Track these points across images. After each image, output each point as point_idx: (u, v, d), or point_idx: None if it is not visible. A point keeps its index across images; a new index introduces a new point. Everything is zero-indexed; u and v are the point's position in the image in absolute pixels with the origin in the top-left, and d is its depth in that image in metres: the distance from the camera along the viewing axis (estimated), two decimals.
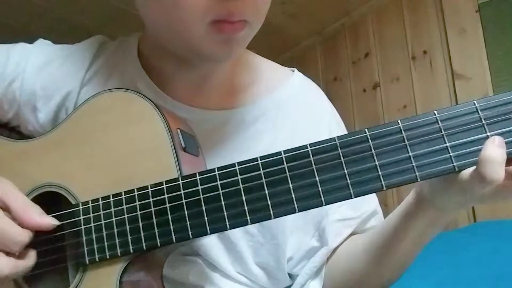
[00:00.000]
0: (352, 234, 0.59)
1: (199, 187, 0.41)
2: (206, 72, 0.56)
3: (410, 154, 0.37)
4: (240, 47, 0.50)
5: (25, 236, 0.41)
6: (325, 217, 0.58)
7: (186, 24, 0.44)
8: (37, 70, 0.57)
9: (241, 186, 0.40)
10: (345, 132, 0.63)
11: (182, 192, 0.42)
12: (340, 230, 0.58)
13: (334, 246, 0.57)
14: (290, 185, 0.39)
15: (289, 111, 0.60)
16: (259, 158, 0.40)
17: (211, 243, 0.56)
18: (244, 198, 0.40)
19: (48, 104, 0.57)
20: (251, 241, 0.57)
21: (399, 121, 0.38)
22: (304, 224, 0.58)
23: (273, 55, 2.27)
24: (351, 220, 0.58)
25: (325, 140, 0.39)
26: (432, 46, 1.74)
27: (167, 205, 0.42)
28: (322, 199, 0.38)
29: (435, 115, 0.37)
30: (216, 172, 0.41)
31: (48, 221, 0.43)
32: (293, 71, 0.65)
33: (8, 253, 0.40)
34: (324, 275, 0.58)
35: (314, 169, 0.39)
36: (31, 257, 0.43)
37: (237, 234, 0.56)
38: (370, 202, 0.61)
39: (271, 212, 0.39)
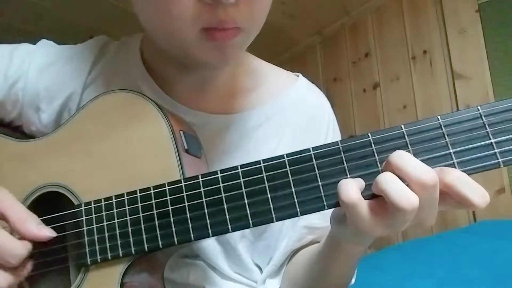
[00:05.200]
0: (314, 241, 0.60)
1: (202, 189, 0.41)
2: (207, 75, 0.56)
3: None
4: (235, 53, 0.48)
5: (22, 249, 0.40)
6: (297, 221, 0.58)
7: (179, 31, 0.43)
8: (40, 71, 0.57)
9: (243, 189, 0.40)
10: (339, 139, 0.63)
11: (184, 194, 0.41)
12: (302, 236, 0.58)
13: (292, 248, 0.58)
14: (293, 189, 0.39)
15: (292, 117, 0.60)
16: (261, 161, 0.40)
17: (209, 245, 0.56)
18: (246, 201, 0.40)
19: (51, 105, 0.57)
20: (247, 242, 0.58)
21: (402, 126, 0.38)
22: (292, 228, 0.59)
23: (272, 55, 2.29)
24: (317, 229, 0.58)
25: (328, 144, 0.39)
26: (432, 46, 1.74)
27: (169, 207, 0.42)
28: (325, 203, 0.38)
29: (438, 120, 0.37)
30: (219, 175, 0.41)
31: (45, 232, 0.42)
32: (298, 75, 0.65)
33: (4, 266, 0.40)
34: (284, 276, 0.59)
35: (317, 173, 0.39)
36: (27, 269, 0.43)
37: (235, 236, 0.56)
38: None
39: (273, 215, 0.39)
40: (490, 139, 0.36)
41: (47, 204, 0.48)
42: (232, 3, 0.40)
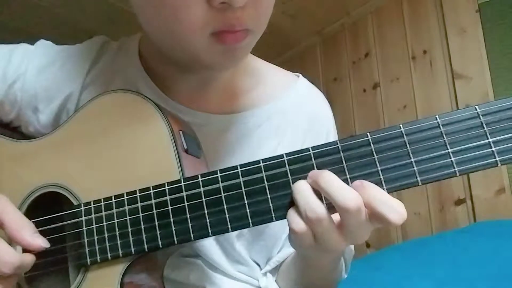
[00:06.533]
0: None
1: (201, 189, 0.41)
2: (207, 76, 0.56)
3: (412, 159, 0.37)
4: (244, 54, 0.49)
5: (16, 258, 0.40)
6: None
7: (187, 36, 0.43)
8: (38, 72, 0.57)
9: (243, 188, 0.40)
10: None
11: (184, 194, 0.41)
12: None
13: None
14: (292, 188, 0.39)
15: (293, 117, 0.60)
16: (261, 161, 0.40)
17: (209, 244, 0.56)
18: (246, 200, 0.40)
19: (50, 105, 0.57)
20: (245, 242, 0.58)
21: (401, 125, 0.38)
22: None
23: (273, 55, 2.29)
24: None
25: (327, 143, 0.39)
26: (432, 46, 1.74)
27: (169, 207, 0.42)
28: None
29: (436, 119, 0.37)
30: (218, 174, 0.41)
31: (39, 242, 0.41)
32: (298, 76, 0.65)
33: None
34: (280, 272, 0.60)
35: None
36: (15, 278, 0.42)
37: (232, 236, 0.56)
38: None
39: (273, 215, 0.39)
40: (487, 138, 0.36)
41: (47, 204, 0.48)
42: (241, 6, 0.40)
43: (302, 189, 0.38)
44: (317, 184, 0.37)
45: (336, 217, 0.38)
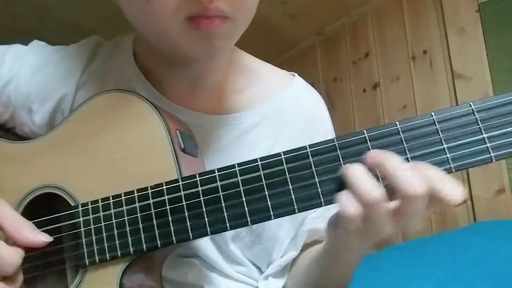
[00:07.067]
0: (317, 241, 0.60)
1: (199, 188, 0.41)
2: (199, 73, 0.56)
3: (408, 155, 0.38)
4: (223, 44, 0.46)
5: (17, 257, 0.40)
6: (300, 226, 0.58)
7: (161, 22, 0.43)
8: (31, 73, 0.57)
9: (241, 187, 0.40)
10: None
11: (182, 193, 0.41)
12: (307, 239, 0.58)
13: (298, 253, 0.59)
14: (290, 186, 0.39)
15: (290, 117, 0.60)
16: (259, 159, 0.40)
17: (206, 244, 0.56)
18: (244, 199, 0.40)
19: (44, 106, 0.57)
20: (243, 245, 0.58)
21: (397, 123, 0.38)
22: (295, 235, 0.59)
23: (272, 55, 2.29)
24: (321, 232, 0.58)
25: (324, 141, 0.39)
26: (432, 46, 1.74)
27: (167, 206, 0.42)
28: (322, 200, 0.38)
29: (432, 116, 0.38)
30: (216, 173, 0.41)
31: (40, 238, 0.42)
32: (294, 75, 0.64)
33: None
34: (288, 276, 0.59)
35: (314, 170, 0.39)
36: (21, 277, 0.43)
37: (226, 237, 0.56)
38: None
39: (272, 213, 0.39)
40: (482, 134, 0.37)
41: (44, 206, 0.48)
42: None
43: (357, 173, 0.36)
44: (381, 167, 0.36)
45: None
